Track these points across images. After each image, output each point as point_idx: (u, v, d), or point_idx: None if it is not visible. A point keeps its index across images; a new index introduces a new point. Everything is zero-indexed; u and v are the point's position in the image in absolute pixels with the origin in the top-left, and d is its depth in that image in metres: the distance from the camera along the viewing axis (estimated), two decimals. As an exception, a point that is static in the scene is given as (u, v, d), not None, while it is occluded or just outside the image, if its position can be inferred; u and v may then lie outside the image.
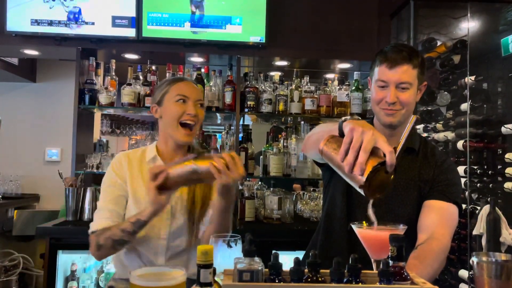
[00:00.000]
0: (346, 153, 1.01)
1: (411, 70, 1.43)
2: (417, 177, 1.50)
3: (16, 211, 3.58)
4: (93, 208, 2.66)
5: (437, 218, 1.40)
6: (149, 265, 1.52)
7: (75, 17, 2.78)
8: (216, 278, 0.98)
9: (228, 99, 2.87)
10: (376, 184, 1.02)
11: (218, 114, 3.10)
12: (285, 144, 3.02)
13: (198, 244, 1.26)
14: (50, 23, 2.79)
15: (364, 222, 1.16)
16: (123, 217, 1.55)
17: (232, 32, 2.86)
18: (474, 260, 0.95)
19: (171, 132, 1.56)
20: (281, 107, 2.92)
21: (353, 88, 2.97)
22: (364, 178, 0.99)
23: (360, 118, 1.18)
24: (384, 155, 1.00)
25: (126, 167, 1.58)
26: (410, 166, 1.51)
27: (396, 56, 1.42)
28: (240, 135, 2.95)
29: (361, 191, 1.03)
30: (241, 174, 1.29)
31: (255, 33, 2.86)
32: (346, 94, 2.95)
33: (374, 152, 1.00)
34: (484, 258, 0.95)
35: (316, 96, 2.96)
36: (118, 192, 1.55)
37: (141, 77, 2.94)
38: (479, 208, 2.22)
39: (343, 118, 1.14)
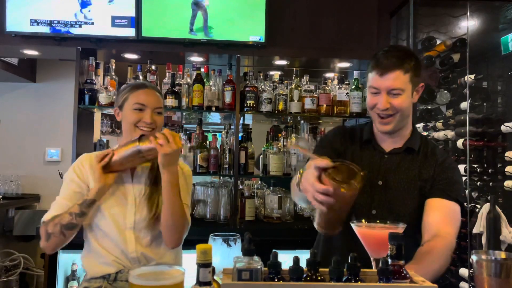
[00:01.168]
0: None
1: (402, 76, 1.42)
2: (417, 177, 1.50)
3: (16, 211, 3.58)
4: (93, 208, 2.66)
5: (441, 216, 1.41)
6: (123, 257, 1.57)
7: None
8: (215, 277, 0.99)
9: (227, 98, 2.87)
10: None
11: (218, 114, 3.09)
12: (285, 143, 3.03)
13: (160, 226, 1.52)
14: (50, 23, 2.79)
15: (363, 220, 1.16)
16: None
17: (231, 32, 2.86)
18: (474, 258, 0.95)
19: (131, 133, 1.63)
20: (281, 106, 2.92)
21: (353, 87, 2.96)
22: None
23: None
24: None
25: (87, 168, 1.65)
26: (410, 166, 1.52)
27: (387, 62, 1.43)
28: (240, 134, 2.95)
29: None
30: (179, 145, 1.48)
31: (255, 33, 2.86)
32: (346, 93, 2.95)
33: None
34: (484, 257, 0.95)
35: (316, 95, 2.96)
36: (74, 189, 1.63)
37: (141, 77, 2.94)
38: (479, 206, 2.22)
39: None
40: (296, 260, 0.90)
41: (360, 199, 1.48)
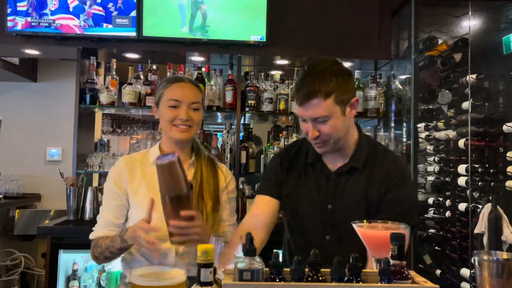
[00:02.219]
0: None
1: (323, 103, 1.30)
2: (363, 198, 1.41)
3: (17, 210, 3.58)
4: (94, 207, 2.66)
5: None
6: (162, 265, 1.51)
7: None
8: (216, 278, 0.98)
9: (229, 98, 2.87)
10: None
11: (218, 113, 3.09)
12: (286, 143, 3.02)
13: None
14: (51, 22, 2.79)
15: (365, 220, 1.16)
16: (120, 225, 1.58)
17: (232, 31, 2.86)
18: (475, 258, 0.95)
19: (167, 132, 1.56)
20: (282, 106, 2.91)
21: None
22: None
23: None
24: None
25: (126, 173, 1.58)
26: (356, 186, 1.43)
27: (304, 91, 1.31)
28: (241, 134, 2.95)
29: None
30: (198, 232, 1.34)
31: (256, 32, 2.86)
32: (347, 93, 2.94)
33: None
34: (485, 257, 0.95)
35: (317, 95, 2.95)
36: (114, 202, 1.58)
37: (142, 77, 2.94)
38: (480, 206, 2.22)
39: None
40: (298, 260, 0.90)
41: (312, 225, 1.45)
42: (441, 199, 2.57)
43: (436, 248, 2.57)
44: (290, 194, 1.52)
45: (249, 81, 2.94)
